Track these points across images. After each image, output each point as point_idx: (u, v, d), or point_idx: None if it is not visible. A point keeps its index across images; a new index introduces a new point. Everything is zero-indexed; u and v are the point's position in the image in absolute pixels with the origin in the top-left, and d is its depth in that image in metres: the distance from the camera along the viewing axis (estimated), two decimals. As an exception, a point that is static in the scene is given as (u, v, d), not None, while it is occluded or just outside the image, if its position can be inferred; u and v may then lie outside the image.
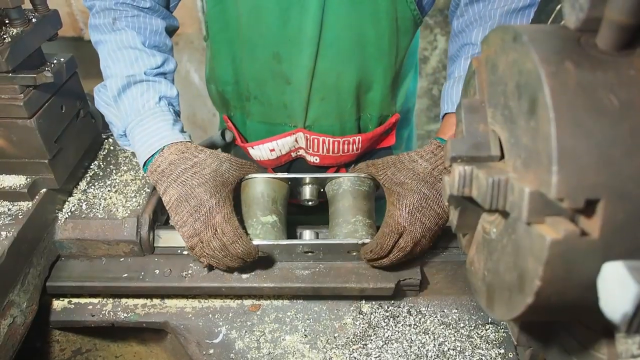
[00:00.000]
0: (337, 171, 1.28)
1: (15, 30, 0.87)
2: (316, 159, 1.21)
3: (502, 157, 0.56)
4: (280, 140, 1.18)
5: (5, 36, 0.85)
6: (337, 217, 0.93)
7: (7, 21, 0.88)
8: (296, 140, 1.19)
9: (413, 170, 0.90)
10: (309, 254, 0.93)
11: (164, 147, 0.92)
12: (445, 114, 1.05)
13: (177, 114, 1.01)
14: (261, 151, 1.21)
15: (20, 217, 0.90)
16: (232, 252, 0.87)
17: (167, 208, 0.90)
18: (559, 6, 0.72)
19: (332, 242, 0.92)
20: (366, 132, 1.20)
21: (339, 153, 1.19)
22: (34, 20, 0.91)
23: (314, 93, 1.10)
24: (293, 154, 1.23)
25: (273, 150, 1.20)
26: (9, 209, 0.92)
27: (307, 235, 0.95)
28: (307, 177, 0.97)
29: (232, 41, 1.10)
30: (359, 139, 1.18)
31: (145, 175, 1.01)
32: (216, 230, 0.86)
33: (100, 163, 1.13)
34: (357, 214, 0.91)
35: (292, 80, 1.09)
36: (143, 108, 0.95)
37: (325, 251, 0.92)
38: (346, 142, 1.17)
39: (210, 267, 0.94)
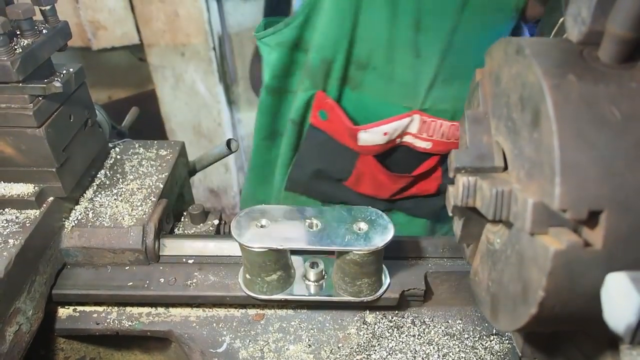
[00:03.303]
0: (436, 166, 1.20)
1: (26, 41, 0.88)
2: (428, 145, 1.14)
3: (505, 168, 0.56)
4: (395, 122, 1.10)
5: (16, 47, 0.86)
6: (343, 273, 0.90)
7: (18, 32, 0.90)
8: (409, 124, 1.12)
9: None
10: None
11: None
12: None
13: None
14: (373, 135, 1.12)
15: (27, 225, 0.91)
16: None
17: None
18: (561, 19, 0.73)
19: (335, 299, 0.92)
20: None
21: (451, 139, 1.13)
22: (44, 31, 0.93)
23: (440, 73, 1.06)
24: (398, 140, 1.16)
25: (386, 133, 1.12)
26: (16, 217, 0.93)
27: (312, 276, 0.94)
28: (310, 249, 0.86)
29: (361, 1, 1.03)
30: None
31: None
32: None
33: (107, 172, 1.14)
34: (364, 278, 0.89)
35: (423, 54, 1.04)
36: None
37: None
38: None
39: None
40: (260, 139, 1.37)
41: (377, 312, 0.96)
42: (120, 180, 1.11)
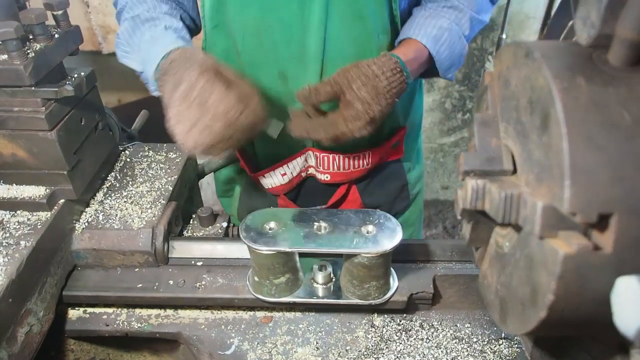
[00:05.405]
0: (348, 189, 1.26)
1: (38, 46, 0.90)
2: (327, 177, 1.20)
3: (514, 171, 0.56)
4: (291, 162, 1.17)
5: (29, 51, 0.87)
6: (351, 276, 0.90)
7: (31, 37, 0.91)
8: (306, 160, 1.18)
9: (376, 87, 0.92)
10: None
11: (169, 52, 0.90)
12: (407, 38, 1.05)
13: (185, 39, 1.00)
14: (273, 178, 1.20)
15: (39, 227, 0.92)
16: (244, 127, 0.83)
17: (165, 108, 0.84)
18: (570, 22, 0.73)
19: (343, 302, 0.92)
20: (376, 146, 1.20)
21: (349, 169, 1.18)
22: (56, 35, 0.94)
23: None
24: (303, 174, 1.22)
25: (285, 174, 1.19)
26: (28, 219, 0.94)
27: (320, 279, 0.94)
28: (318, 252, 0.87)
29: (233, 63, 1.10)
30: (368, 153, 1.17)
31: (157, 92, 0.95)
32: (214, 112, 0.79)
33: (117, 175, 1.15)
34: (372, 281, 0.89)
35: None
36: (152, 39, 0.96)
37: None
38: (356, 157, 1.16)
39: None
40: None
41: (385, 315, 0.96)
42: (130, 182, 1.12)
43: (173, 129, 0.82)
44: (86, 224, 1.01)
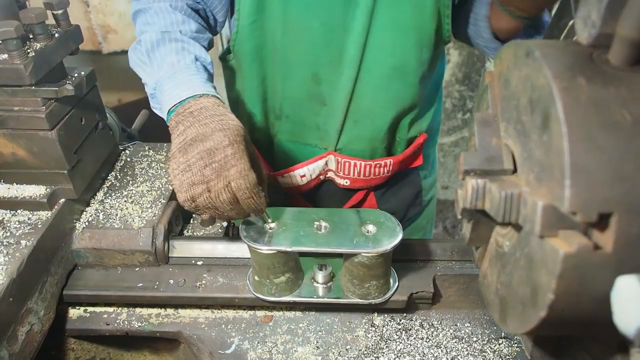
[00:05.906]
0: (367, 194, 1.25)
1: (38, 45, 0.90)
2: (346, 182, 1.19)
3: (515, 170, 0.56)
4: (311, 165, 1.16)
5: (29, 50, 0.87)
6: (351, 275, 0.89)
7: (31, 36, 0.91)
8: (326, 163, 1.17)
9: None
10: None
11: (201, 94, 0.85)
12: None
13: (212, 77, 0.96)
14: (291, 178, 1.19)
15: (39, 226, 0.92)
16: (244, 209, 0.80)
17: (174, 150, 0.80)
18: (571, 22, 0.73)
19: (343, 301, 0.92)
20: (396, 154, 1.19)
21: (369, 176, 1.18)
22: (56, 35, 0.94)
23: (349, 116, 1.09)
24: (322, 177, 1.21)
25: (304, 176, 1.18)
26: (28, 219, 0.94)
27: (320, 278, 0.93)
28: (319, 252, 0.87)
29: (264, 58, 1.08)
30: (390, 162, 1.17)
31: (168, 120, 0.89)
32: (229, 184, 0.76)
33: (117, 174, 1.15)
34: (372, 280, 0.89)
35: (329, 102, 1.08)
36: (178, 64, 0.91)
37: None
38: (377, 165, 1.16)
39: (212, 220, 0.90)
40: None
41: (385, 315, 0.96)
42: (130, 182, 1.12)
43: (175, 174, 0.79)
44: (86, 223, 1.01)
